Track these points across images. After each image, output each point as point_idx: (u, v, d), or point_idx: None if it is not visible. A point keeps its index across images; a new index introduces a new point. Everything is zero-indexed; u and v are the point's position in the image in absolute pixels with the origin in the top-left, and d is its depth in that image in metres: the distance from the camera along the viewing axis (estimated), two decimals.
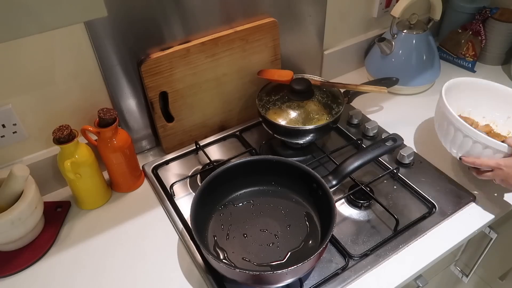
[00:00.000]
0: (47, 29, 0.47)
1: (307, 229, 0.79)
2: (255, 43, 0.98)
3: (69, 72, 0.83)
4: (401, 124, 1.08)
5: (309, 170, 0.79)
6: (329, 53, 1.20)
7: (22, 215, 0.74)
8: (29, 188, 0.77)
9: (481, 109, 0.96)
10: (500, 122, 0.95)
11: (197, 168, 0.97)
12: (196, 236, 0.70)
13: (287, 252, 0.75)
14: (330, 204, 0.73)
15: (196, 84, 0.95)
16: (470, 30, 1.25)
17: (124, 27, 0.82)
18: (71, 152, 0.80)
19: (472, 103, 0.96)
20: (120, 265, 0.78)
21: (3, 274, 0.76)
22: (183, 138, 1.02)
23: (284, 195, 0.85)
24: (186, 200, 0.90)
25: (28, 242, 0.81)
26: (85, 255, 0.80)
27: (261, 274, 0.69)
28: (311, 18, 1.08)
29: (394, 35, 1.15)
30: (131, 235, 0.84)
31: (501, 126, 0.95)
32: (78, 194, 0.87)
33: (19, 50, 0.75)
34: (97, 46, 0.82)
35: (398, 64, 1.16)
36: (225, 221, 0.81)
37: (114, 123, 0.83)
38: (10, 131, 0.82)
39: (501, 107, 0.94)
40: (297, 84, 0.94)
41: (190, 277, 0.75)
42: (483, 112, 0.96)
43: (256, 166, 0.84)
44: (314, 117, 0.93)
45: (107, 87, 0.88)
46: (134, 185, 0.93)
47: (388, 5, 1.22)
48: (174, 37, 0.89)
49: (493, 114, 0.96)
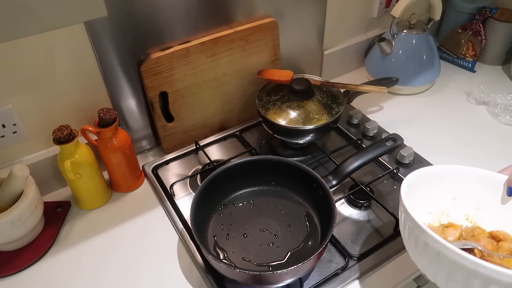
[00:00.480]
0: (47, 29, 0.47)
1: (307, 229, 0.79)
2: (255, 43, 0.98)
3: (69, 72, 0.83)
4: (401, 124, 1.08)
5: (309, 170, 0.79)
6: (329, 53, 1.20)
7: (22, 215, 0.74)
8: (29, 188, 0.77)
9: (459, 201, 0.71)
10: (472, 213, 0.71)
11: (197, 168, 0.97)
12: (196, 236, 0.70)
13: (287, 252, 0.75)
14: (330, 204, 0.73)
15: (196, 84, 0.95)
16: (470, 30, 1.25)
17: (124, 27, 0.82)
18: (71, 152, 0.80)
19: (445, 197, 0.71)
20: (120, 265, 0.78)
21: (3, 274, 0.76)
22: (183, 138, 1.02)
23: (284, 195, 0.85)
24: (186, 200, 0.90)
25: (28, 242, 0.81)
26: (85, 255, 0.80)
27: (261, 274, 0.69)
28: (311, 18, 1.08)
29: (394, 35, 1.15)
30: (131, 235, 0.84)
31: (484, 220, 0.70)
32: (78, 194, 0.87)
33: (19, 50, 0.75)
34: (97, 46, 0.82)
35: (398, 64, 1.16)
36: (225, 221, 0.81)
37: (114, 123, 0.83)
38: (10, 131, 0.82)
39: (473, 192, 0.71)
40: (297, 84, 0.94)
41: (190, 277, 0.75)
42: (462, 206, 0.71)
43: (256, 166, 0.84)
44: (314, 117, 0.93)
45: (107, 87, 0.88)
46: (134, 185, 0.93)
47: (388, 5, 1.22)
48: (174, 37, 0.89)
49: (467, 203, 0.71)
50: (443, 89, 1.21)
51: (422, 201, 0.67)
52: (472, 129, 1.06)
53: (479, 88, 1.16)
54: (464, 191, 0.69)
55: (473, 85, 1.19)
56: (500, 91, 1.14)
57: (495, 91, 1.14)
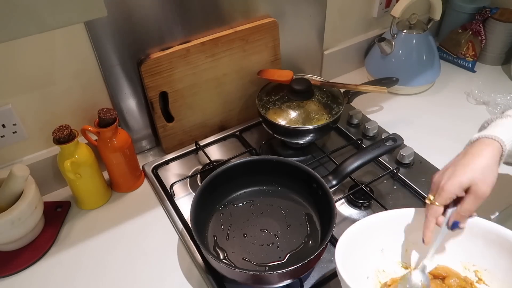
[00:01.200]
0: (47, 29, 0.47)
1: (307, 229, 0.79)
2: (255, 43, 0.98)
3: (69, 72, 0.83)
4: (401, 124, 1.08)
5: (309, 170, 0.79)
6: (329, 53, 1.20)
7: (22, 215, 0.74)
8: (29, 188, 0.77)
9: (387, 252, 0.67)
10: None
11: (197, 168, 0.97)
12: (196, 236, 0.70)
13: (287, 252, 0.75)
14: (330, 204, 0.73)
15: (196, 84, 0.95)
16: (470, 30, 1.25)
17: (124, 27, 0.82)
18: (71, 152, 0.80)
19: (374, 253, 0.67)
20: (120, 265, 0.78)
21: (3, 274, 0.76)
22: (183, 138, 1.01)
23: (284, 195, 0.85)
24: (186, 200, 0.89)
25: (28, 242, 0.81)
26: (85, 255, 0.80)
27: (261, 274, 0.69)
28: (311, 18, 1.08)
29: (394, 35, 1.15)
30: (131, 235, 0.84)
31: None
32: (78, 194, 0.87)
33: (19, 50, 0.75)
34: (97, 46, 0.82)
35: (398, 64, 1.16)
36: (225, 221, 0.81)
37: (114, 123, 0.83)
38: (10, 131, 0.82)
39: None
40: (297, 84, 0.94)
41: (190, 277, 0.75)
42: (392, 255, 0.68)
43: (256, 166, 0.84)
44: (314, 117, 0.93)
45: (107, 87, 0.88)
46: (134, 185, 0.93)
47: (388, 5, 1.22)
48: (174, 37, 0.89)
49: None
50: (443, 89, 1.21)
51: (358, 265, 0.64)
52: (472, 129, 1.05)
53: (479, 88, 1.16)
54: (388, 239, 0.66)
55: (473, 85, 1.19)
56: (500, 91, 1.14)
57: (495, 91, 1.14)
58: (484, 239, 0.62)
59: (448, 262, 0.65)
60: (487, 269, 0.63)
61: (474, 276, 0.63)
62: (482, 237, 0.63)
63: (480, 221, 0.62)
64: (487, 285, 0.62)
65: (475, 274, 0.64)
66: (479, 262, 0.63)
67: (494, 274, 0.62)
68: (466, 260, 0.65)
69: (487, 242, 0.62)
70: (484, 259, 0.63)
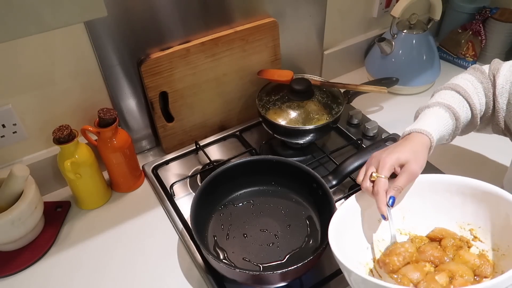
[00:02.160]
0: (47, 29, 0.47)
1: (307, 229, 0.79)
2: (255, 43, 0.98)
3: (69, 72, 0.82)
4: (401, 124, 1.07)
5: (309, 170, 0.79)
6: (329, 53, 1.20)
7: (22, 215, 0.74)
8: (29, 188, 0.77)
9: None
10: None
11: (197, 168, 0.97)
12: (196, 236, 0.70)
13: (287, 252, 0.75)
14: (330, 204, 0.73)
15: (196, 84, 0.95)
16: (470, 30, 1.25)
17: (124, 27, 0.82)
18: (71, 152, 0.80)
19: (372, 224, 0.69)
20: (120, 265, 0.78)
21: (3, 274, 0.76)
22: (183, 138, 1.01)
23: (284, 195, 0.85)
24: (186, 200, 0.89)
25: (28, 242, 0.81)
26: (85, 255, 0.80)
27: (261, 274, 0.69)
28: (311, 18, 1.08)
29: (394, 35, 1.15)
30: (131, 235, 0.84)
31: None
32: (78, 194, 0.87)
33: (19, 50, 0.75)
34: (97, 46, 0.82)
35: (398, 64, 1.16)
36: (225, 221, 0.81)
37: (114, 123, 0.83)
38: (10, 131, 0.82)
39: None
40: (297, 84, 0.94)
41: (190, 277, 0.75)
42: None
43: (256, 166, 0.84)
44: (314, 117, 0.93)
45: (107, 87, 0.88)
46: (134, 185, 0.93)
47: (388, 5, 1.22)
48: (174, 37, 0.89)
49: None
50: None
51: (356, 237, 0.66)
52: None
53: None
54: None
55: None
56: None
57: None
58: (473, 197, 0.65)
59: (444, 223, 0.67)
60: (481, 226, 0.65)
61: (469, 234, 0.66)
62: (470, 195, 0.65)
63: (465, 180, 0.65)
64: (482, 242, 0.64)
65: (470, 233, 0.66)
66: (473, 221, 0.66)
67: (487, 230, 0.64)
68: (461, 220, 0.67)
69: (477, 200, 0.64)
70: (477, 217, 0.65)
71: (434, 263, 0.61)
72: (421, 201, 0.68)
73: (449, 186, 0.66)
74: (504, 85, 0.73)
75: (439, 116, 0.72)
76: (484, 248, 0.63)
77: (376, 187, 0.64)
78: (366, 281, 0.51)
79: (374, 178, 0.65)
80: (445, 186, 0.67)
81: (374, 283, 0.50)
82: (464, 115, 0.74)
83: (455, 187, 0.66)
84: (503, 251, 0.61)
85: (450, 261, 0.61)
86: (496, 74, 0.74)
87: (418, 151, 0.67)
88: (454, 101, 0.74)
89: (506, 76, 0.73)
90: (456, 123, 0.72)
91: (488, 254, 0.62)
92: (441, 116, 0.72)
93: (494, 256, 0.62)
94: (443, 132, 0.71)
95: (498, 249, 0.62)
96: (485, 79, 0.75)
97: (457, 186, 0.66)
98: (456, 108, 0.73)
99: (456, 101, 0.74)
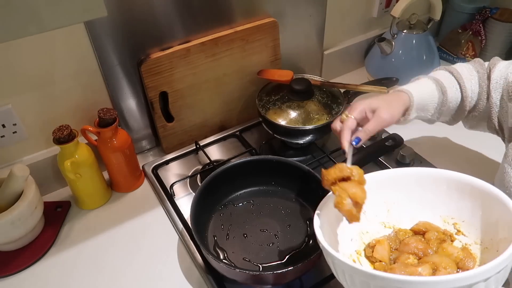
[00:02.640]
0: (47, 29, 0.47)
1: (307, 229, 0.79)
2: (255, 43, 0.98)
3: (69, 72, 0.82)
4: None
5: (309, 170, 0.79)
6: (329, 53, 1.20)
7: (22, 215, 0.74)
8: (29, 188, 0.77)
9: (369, 213, 0.67)
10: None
11: (197, 168, 0.97)
12: (196, 236, 0.70)
13: (287, 252, 0.75)
14: None
15: (196, 84, 0.95)
16: (470, 30, 1.25)
17: (124, 27, 0.82)
18: (71, 152, 0.80)
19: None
20: (120, 265, 0.78)
21: (3, 274, 0.76)
22: (183, 138, 1.01)
23: (284, 195, 0.85)
24: (186, 200, 0.89)
25: (28, 242, 0.81)
26: (85, 255, 0.80)
27: (261, 274, 0.69)
28: (311, 18, 1.08)
29: (394, 35, 1.15)
30: (131, 235, 0.84)
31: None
32: (78, 194, 0.87)
33: (19, 50, 0.75)
34: (97, 46, 0.82)
35: (398, 64, 1.16)
36: (225, 221, 0.81)
37: (114, 123, 0.83)
38: (10, 131, 0.82)
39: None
40: (297, 84, 0.94)
41: (190, 277, 0.75)
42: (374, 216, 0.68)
43: (256, 166, 0.84)
44: (314, 117, 0.93)
45: (107, 87, 0.88)
46: (134, 185, 0.93)
47: (388, 5, 1.22)
48: (174, 37, 0.89)
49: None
50: None
51: (340, 229, 0.65)
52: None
53: None
54: (369, 200, 0.65)
55: None
56: None
57: None
58: (458, 191, 0.64)
59: (428, 217, 0.67)
60: (465, 220, 0.64)
61: (453, 228, 0.65)
62: (456, 189, 0.65)
63: (453, 174, 0.65)
64: (465, 236, 0.64)
65: (454, 227, 0.65)
66: (457, 215, 0.65)
67: (471, 224, 0.64)
68: (445, 214, 0.66)
69: (461, 194, 0.64)
70: (461, 211, 0.65)
71: (418, 256, 0.61)
72: (407, 195, 0.68)
73: (436, 180, 0.66)
74: (498, 80, 0.73)
75: (424, 84, 0.74)
76: (467, 242, 0.63)
77: (343, 125, 0.68)
78: (349, 267, 0.51)
79: (344, 118, 0.69)
80: (431, 179, 0.67)
81: (357, 269, 0.50)
82: (453, 94, 0.74)
83: (442, 180, 0.66)
84: (486, 244, 0.61)
85: (434, 253, 0.61)
86: (492, 68, 0.75)
87: (392, 102, 0.70)
88: (445, 79, 0.75)
89: (501, 71, 0.73)
90: (443, 97, 0.73)
91: (471, 248, 0.62)
92: (426, 85, 0.74)
93: (477, 249, 0.62)
94: (426, 99, 0.73)
95: (481, 243, 0.62)
96: (481, 70, 0.76)
97: (443, 179, 0.66)
98: (445, 84, 0.74)
99: (446, 79, 0.75)
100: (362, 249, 0.65)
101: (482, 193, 0.61)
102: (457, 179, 0.64)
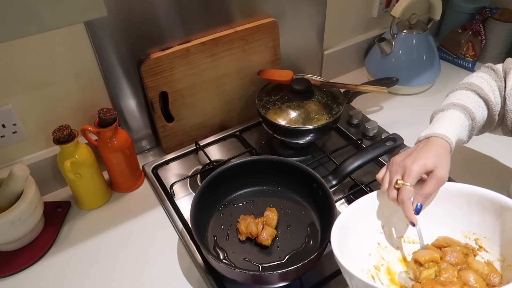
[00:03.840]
0: (47, 29, 0.47)
1: (307, 229, 0.79)
2: (255, 43, 0.98)
3: (69, 72, 0.83)
4: (401, 124, 1.08)
5: (309, 170, 0.79)
6: (329, 53, 1.20)
7: (22, 215, 0.74)
8: (29, 188, 0.77)
9: (387, 228, 0.68)
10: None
11: (197, 168, 0.97)
12: (196, 236, 0.70)
13: (287, 252, 0.75)
14: (330, 204, 0.73)
15: (196, 84, 0.95)
16: (470, 30, 1.25)
17: (124, 27, 0.82)
18: (71, 152, 0.80)
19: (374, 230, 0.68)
20: (120, 265, 0.78)
21: (3, 274, 0.76)
22: (183, 138, 1.01)
23: (284, 195, 0.85)
24: (186, 200, 0.89)
25: (28, 242, 0.81)
26: (85, 255, 0.80)
27: (261, 274, 0.69)
28: (311, 18, 1.08)
29: (394, 35, 1.15)
30: (131, 235, 0.84)
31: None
32: (78, 194, 0.87)
33: (19, 50, 0.75)
34: (97, 46, 0.82)
35: (398, 64, 1.16)
36: (225, 221, 0.81)
37: (114, 123, 0.83)
38: (10, 131, 0.82)
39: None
40: (297, 84, 0.94)
41: (190, 277, 0.75)
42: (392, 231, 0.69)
43: (256, 166, 0.84)
44: (314, 117, 0.93)
45: (107, 87, 0.88)
46: (134, 185, 0.93)
47: (388, 5, 1.22)
48: (174, 37, 0.89)
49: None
50: (443, 89, 1.21)
51: (358, 244, 0.64)
52: None
53: None
54: (387, 215, 0.66)
55: None
56: None
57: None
58: (479, 206, 0.63)
59: (449, 232, 0.66)
60: (487, 236, 0.63)
61: (474, 244, 0.64)
62: (477, 204, 0.63)
63: (475, 189, 0.63)
64: (487, 252, 0.63)
65: (476, 242, 0.64)
66: (479, 230, 0.64)
67: (493, 240, 0.62)
68: (466, 229, 0.65)
69: (483, 209, 0.63)
70: (483, 227, 0.63)
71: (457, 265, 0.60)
72: (426, 209, 0.66)
73: (456, 194, 0.65)
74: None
75: (455, 119, 0.70)
76: (489, 258, 0.61)
77: (401, 195, 0.62)
78: (369, 286, 0.50)
79: (399, 185, 0.63)
80: (451, 194, 0.65)
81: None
82: (480, 114, 0.72)
83: (462, 195, 0.64)
84: (510, 261, 0.59)
85: (462, 268, 0.59)
86: (508, 74, 0.74)
87: (442, 156, 0.65)
88: (470, 101, 0.72)
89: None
90: (472, 123, 0.71)
91: (495, 264, 0.60)
92: (457, 118, 0.70)
93: (500, 266, 0.60)
94: (461, 134, 0.69)
95: (504, 260, 0.60)
96: (498, 78, 0.75)
97: (463, 194, 0.64)
98: (472, 108, 0.71)
99: (471, 101, 0.72)
100: (380, 264, 0.65)
101: (504, 208, 0.60)
102: (478, 194, 0.63)
